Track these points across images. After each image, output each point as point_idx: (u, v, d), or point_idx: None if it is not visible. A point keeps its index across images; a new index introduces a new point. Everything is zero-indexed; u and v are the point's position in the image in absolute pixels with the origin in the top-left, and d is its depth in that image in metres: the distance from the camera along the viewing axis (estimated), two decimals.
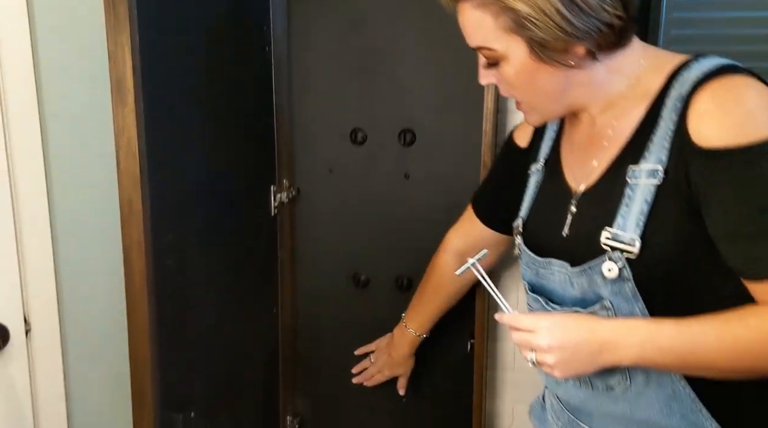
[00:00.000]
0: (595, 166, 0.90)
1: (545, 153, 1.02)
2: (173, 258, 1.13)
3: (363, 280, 1.62)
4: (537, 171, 1.01)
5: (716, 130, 0.76)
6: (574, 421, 0.96)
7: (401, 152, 1.55)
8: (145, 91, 1.00)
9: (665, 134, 0.80)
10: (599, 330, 0.80)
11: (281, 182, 1.55)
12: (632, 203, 0.81)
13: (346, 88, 1.54)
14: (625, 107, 0.87)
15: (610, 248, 0.82)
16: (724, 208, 0.76)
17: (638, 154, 0.83)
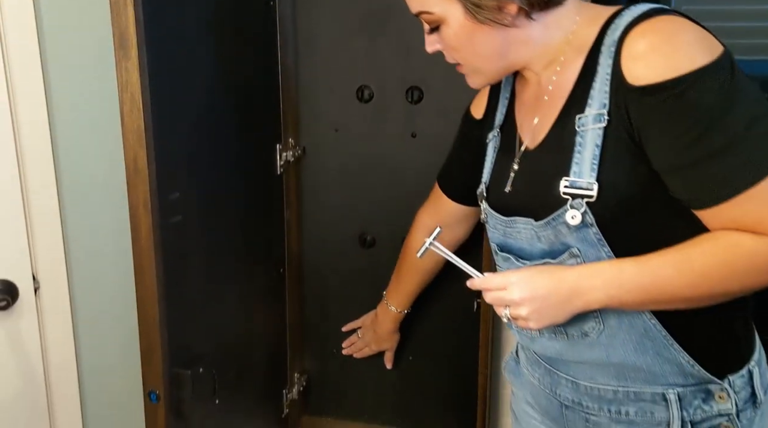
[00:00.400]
0: (542, 122, 0.92)
1: (500, 120, 1.04)
2: (180, 216, 1.13)
3: (369, 240, 1.62)
4: (494, 137, 1.04)
5: (646, 68, 0.78)
6: (551, 370, 0.99)
7: (408, 109, 1.53)
8: (148, 44, 0.98)
9: (604, 79, 0.83)
10: (565, 278, 0.84)
11: (287, 141, 1.54)
12: (584, 150, 0.84)
13: (352, 44, 1.51)
14: (564, 62, 0.89)
15: (570, 196, 0.84)
16: (660, 142, 0.79)
17: (582, 103, 0.85)
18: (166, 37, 1.05)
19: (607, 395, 0.92)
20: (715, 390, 0.87)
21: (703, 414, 0.88)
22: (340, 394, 1.76)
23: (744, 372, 0.89)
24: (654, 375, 0.88)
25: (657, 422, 0.90)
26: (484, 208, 1.02)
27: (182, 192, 1.12)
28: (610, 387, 0.91)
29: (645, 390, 0.89)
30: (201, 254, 1.23)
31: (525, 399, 1.09)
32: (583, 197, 0.83)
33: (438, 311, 1.59)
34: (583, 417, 0.95)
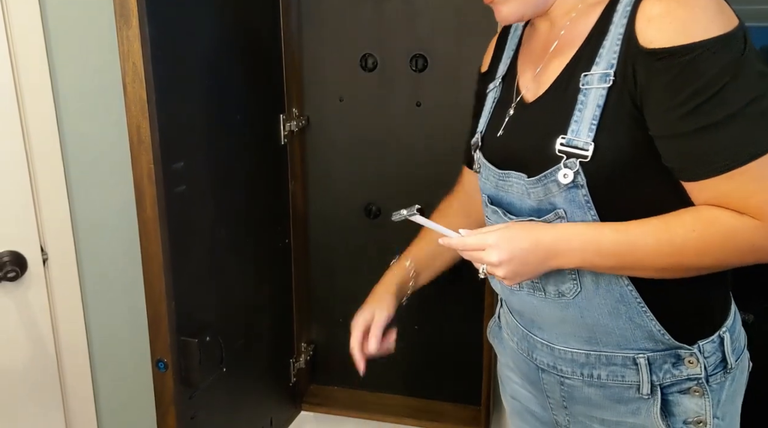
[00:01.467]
0: (545, 73, 0.91)
1: (502, 71, 1.02)
2: (184, 185, 1.13)
3: (374, 210, 1.62)
4: (494, 88, 1.02)
5: (660, 31, 0.77)
6: (527, 334, 1.01)
7: (413, 78, 1.52)
8: (149, 13, 0.97)
9: (615, 39, 0.82)
10: (543, 238, 0.84)
11: (290, 111, 1.53)
12: (585, 109, 0.83)
13: (356, 12, 1.50)
14: (580, 10, 0.89)
15: (565, 154, 0.84)
16: (661, 107, 0.78)
17: (590, 60, 0.84)
18: (167, 5, 1.04)
19: (579, 359, 0.94)
20: (684, 355, 0.88)
21: (673, 378, 0.89)
22: (347, 363, 1.76)
23: (714, 338, 0.89)
24: (625, 339, 0.90)
25: (628, 385, 0.91)
26: (478, 158, 1.01)
27: (186, 162, 1.12)
28: (583, 351, 0.93)
29: (616, 353, 0.91)
30: (206, 224, 1.23)
31: (507, 364, 1.11)
32: (578, 157, 0.83)
33: (442, 279, 1.59)
34: (558, 380, 0.97)
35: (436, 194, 1.45)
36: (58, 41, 1.27)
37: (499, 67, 1.04)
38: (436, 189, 1.50)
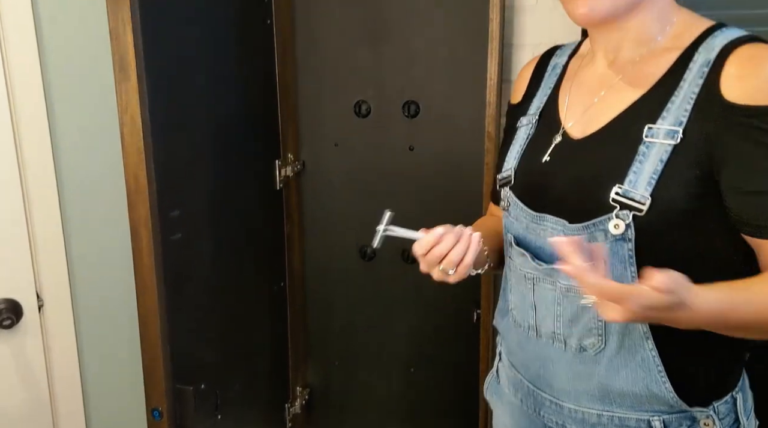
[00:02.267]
0: (599, 110, 0.89)
1: (539, 105, 0.99)
2: (180, 233, 1.14)
3: (369, 252, 1.64)
4: (529, 123, 0.98)
5: (750, 89, 0.77)
6: (534, 391, 0.96)
7: (406, 124, 1.55)
8: (147, 66, 1.00)
9: (687, 96, 0.81)
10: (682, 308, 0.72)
11: (286, 156, 1.55)
12: (646, 161, 0.81)
13: (350, 60, 1.53)
14: (652, 52, 0.87)
15: (619, 204, 0.81)
16: (746, 162, 0.77)
17: (655, 112, 0.83)
18: (165, 58, 1.07)
19: (591, 419, 0.90)
20: (700, 417, 0.86)
21: None
22: (343, 407, 1.76)
23: (728, 398, 0.88)
24: (640, 401, 0.87)
25: None
26: (507, 195, 0.96)
27: (182, 210, 1.14)
28: (595, 410, 0.90)
29: (630, 415, 0.88)
30: (202, 270, 1.24)
31: (504, 422, 1.06)
32: (632, 209, 0.80)
33: (438, 321, 1.60)
34: None
35: None
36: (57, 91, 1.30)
37: (534, 101, 1.01)
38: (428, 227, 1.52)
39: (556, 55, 1.04)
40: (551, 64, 1.03)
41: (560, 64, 1.02)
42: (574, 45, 1.04)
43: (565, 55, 1.03)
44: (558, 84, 0.99)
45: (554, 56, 1.04)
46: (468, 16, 1.43)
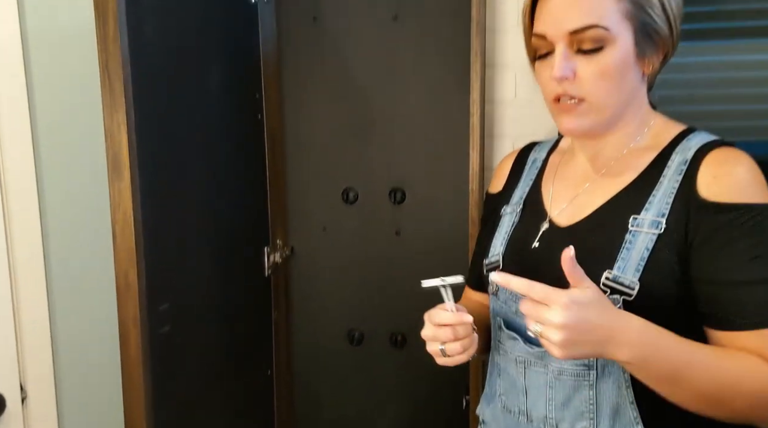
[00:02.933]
0: (585, 200, 0.95)
1: (521, 195, 1.05)
2: (168, 326, 1.15)
3: (357, 337, 1.64)
4: (513, 211, 1.04)
5: (726, 188, 0.85)
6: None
7: (392, 209, 1.59)
8: (141, 166, 1.04)
9: (668, 191, 0.88)
10: (613, 321, 0.79)
11: (275, 242, 1.58)
12: (633, 248, 0.86)
13: (337, 150, 1.58)
14: (632, 152, 0.95)
15: (609, 289, 0.85)
16: (719, 257, 0.83)
17: (639, 203, 0.89)
18: (159, 157, 1.10)
19: None
20: None
21: None
22: None
23: None
24: None
25: None
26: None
27: (171, 303, 1.15)
28: None
29: None
30: (189, 361, 1.24)
31: None
32: (622, 293, 0.85)
33: (428, 407, 1.59)
34: None
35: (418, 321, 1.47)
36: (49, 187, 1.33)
37: (516, 191, 1.07)
38: (416, 315, 1.53)
39: (534, 150, 1.12)
40: (530, 158, 1.10)
41: (540, 158, 1.09)
42: (552, 142, 1.11)
43: (543, 151, 1.10)
44: (539, 176, 1.06)
45: (533, 151, 1.12)
46: (450, 110, 1.49)
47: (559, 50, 0.89)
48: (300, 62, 1.56)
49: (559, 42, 0.89)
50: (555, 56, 0.89)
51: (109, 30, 0.98)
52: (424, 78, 1.51)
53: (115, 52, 0.98)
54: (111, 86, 1.02)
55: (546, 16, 0.90)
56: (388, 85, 1.53)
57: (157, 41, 1.09)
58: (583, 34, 0.87)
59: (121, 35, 0.99)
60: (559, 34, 0.88)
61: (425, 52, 1.50)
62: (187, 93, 1.20)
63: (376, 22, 1.51)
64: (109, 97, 1.02)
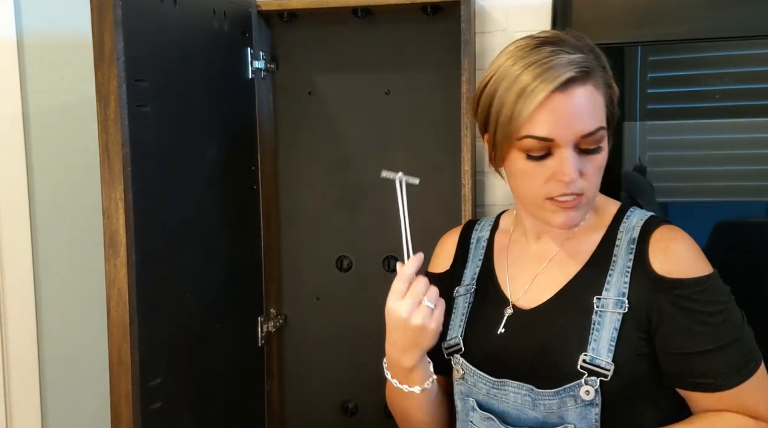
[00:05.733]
0: (544, 282, 0.98)
1: (472, 275, 1.06)
2: (161, 402, 1.14)
3: (351, 408, 1.62)
4: (467, 293, 1.05)
5: (675, 265, 0.91)
6: None
7: (386, 277, 1.60)
8: (137, 244, 1.05)
9: (623, 269, 0.93)
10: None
11: (268, 311, 1.58)
12: (602, 329, 0.89)
13: (332, 218, 1.61)
14: (581, 232, 0.99)
15: (587, 371, 0.88)
16: (679, 329, 0.88)
17: (599, 283, 0.93)
18: (154, 235, 1.12)
19: None
20: None
21: None
22: None
23: None
24: None
25: None
26: (460, 362, 1.00)
27: (163, 378, 1.15)
28: None
29: None
30: None
31: None
32: (598, 375, 0.88)
33: None
34: None
35: None
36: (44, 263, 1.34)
37: (466, 272, 1.08)
38: None
39: (475, 229, 1.14)
40: (473, 237, 1.12)
41: (483, 237, 1.11)
42: (491, 220, 1.14)
43: (485, 229, 1.12)
44: (488, 257, 1.07)
45: (474, 231, 1.13)
46: (442, 181, 1.52)
47: (569, 153, 0.87)
48: (295, 134, 1.60)
49: (568, 144, 0.87)
50: (563, 159, 0.87)
51: (110, 112, 1.02)
52: (416, 150, 1.54)
53: (115, 133, 1.01)
54: (110, 166, 1.05)
55: (552, 121, 0.86)
56: (380, 157, 1.57)
57: (155, 121, 1.13)
58: (593, 137, 0.88)
59: (121, 117, 1.02)
60: (570, 138, 0.87)
61: (417, 124, 1.54)
62: (184, 169, 1.22)
63: (369, 96, 1.56)
64: (108, 175, 1.05)
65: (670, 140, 1.48)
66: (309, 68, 1.58)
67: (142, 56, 1.08)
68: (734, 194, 1.48)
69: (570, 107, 0.86)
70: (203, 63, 1.29)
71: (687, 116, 1.46)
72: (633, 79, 1.42)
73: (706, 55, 1.45)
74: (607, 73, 0.92)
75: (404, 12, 1.50)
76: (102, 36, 1.02)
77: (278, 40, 1.58)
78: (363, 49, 1.55)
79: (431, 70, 1.51)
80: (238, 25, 1.41)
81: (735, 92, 1.45)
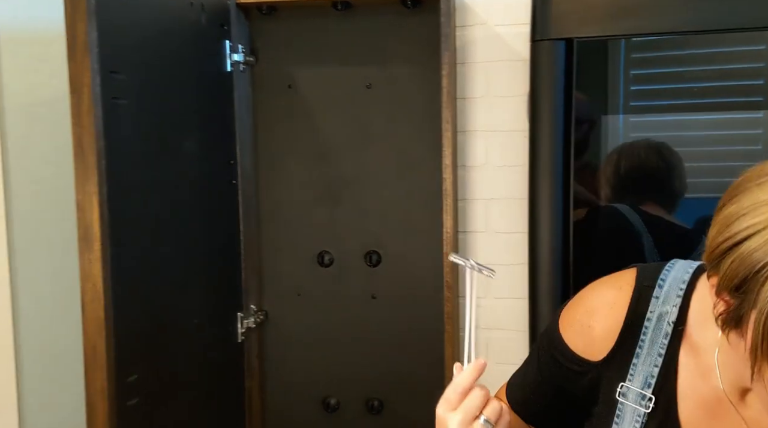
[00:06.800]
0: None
1: (646, 377, 0.73)
2: (137, 398, 1.13)
3: (333, 404, 1.61)
4: (637, 403, 0.73)
5: None
6: None
7: (368, 272, 1.59)
8: (112, 238, 1.04)
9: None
10: None
11: (248, 307, 1.56)
12: None
13: (312, 213, 1.60)
14: None
15: None
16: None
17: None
18: (130, 229, 1.10)
19: None
20: None
21: None
22: None
23: None
24: None
25: None
26: None
27: (140, 374, 1.13)
28: None
29: None
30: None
31: None
32: None
33: None
34: None
35: (394, 386, 1.46)
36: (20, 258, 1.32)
37: (635, 366, 0.73)
38: (394, 381, 1.52)
39: (655, 296, 0.73)
40: (652, 311, 0.73)
41: (667, 314, 0.72)
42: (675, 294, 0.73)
43: (670, 302, 0.73)
44: (672, 359, 0.72)
45: (654, 298, 0.73)
46: (423, 175, 1.52)
47: None
48: (275, 128, 1.59)
49: None
50: None
51: (83, 105, 1.00)
52: (398, 144, 1.54)
53: (89, 126, 1.00)
54: (84, 159, 1.03)
55: None
56: (361, 151, 1.56)
57: (131, 114, 1.11)
58: None
59: (95, 109, 1.00)
60: None
61: (398, 119, 1.53)
62: (160, 162, 1.21)
63: (350, 90, 1.55)
64: (82, 169, 1.03)
65: (652, 136, 1.49)
66: (288, 62, 1.57)
67: (117, 48, 1.06)
68: (716, 189, 1.49)
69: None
70: (181, 56, 1.27)
71: (669, 111, 1.47)
72: (616, 74, 1.43)
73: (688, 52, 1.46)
74: None
75: (384, 5, 1.49)
76: (75, 27, 1.00)
77: (257, 33, 1.57)
78: (343, 42, 1.54)
79: (412, 63, 1.51)
80: (215, 17, 1.40)
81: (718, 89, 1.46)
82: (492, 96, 1.53)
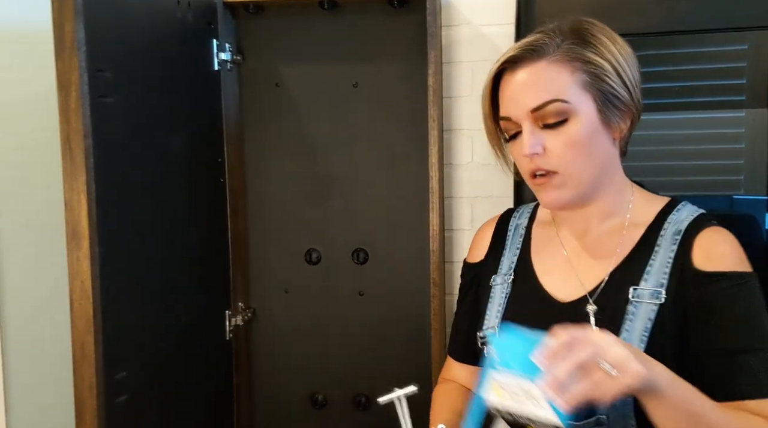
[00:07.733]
0: (584, 276, 0.96)
1: (509, 264, 1.05)
2: (126, 395, 1.13)
3: (320, 400, 1.62)
4: (504, 282, 1.04)
5: (718, 261, 0.90)
6: None
7: (355, 270, 1.60)
8: (100, 236, 1.04)
9: (664, 261, 0.91)
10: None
11: (236, 305, 1.57)
12: (636, 320, 0.89)
13: (300, 211, 1.61)
14: (620, 226, 0.97)
15: None
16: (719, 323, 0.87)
17: (636, 275, 0.92)
18: (118, 227, 1.11)
19: None
20: None
21: None
22: None
23: None
24: None
25: None
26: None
27: (129, 371, 1.14)
28: None
29: None
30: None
31: None
32: None
33: None
34: None
35: (381, 383, 1.46)
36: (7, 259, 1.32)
37: (503, 261, 1.06)
38: (381, 378, 1.53)
39: (514, 217, 1.12)
40: (511, 225, 1.10)
41: (521, 225, 1.09)
42: (530, 208, 1.12)
43: (524, 217, 1.11)
44: (526, 247, 1.06)
45: (513, 218, 1.12)
46: (410, 173, 1.54)
47: (526, 128, 0.92)
48: (262, 126, 1.60)
49: (524, 121, 0.92)
50: (523, 135, 0.92)
51: (71, 103, 1.00)
52: (384, 142, 1.55)
53: (77, 124, 1.00)
54: (72, 157, 1.03)
55: (508, 99, 0.94)
56: (348, 149, 1.57)
57: (119, 112, 1.11)
58: (544, 110, 0.90)
59: (83, 108, 1.01)
60: (523, 114, 0.92)
61: (385, 117, 1.55)
62: (148, 160, 1.21)
63: (337, 88, 1.56)
64: (70, 166, 1.03)
65: (635, 135, 1.51)
66: (276, 60, 1.58)
67: (104, 46, 1.07)
68: (699, 188, 1.51)
69: (514, 85, 0.92)
70: (168, 54, 1.28)
71: (652, 110, 1.50)
72: None
73: (670, 52, 1.49)
74: (582, 50, 0.90)
75: (370, 5, 1.50)
76: (62, 25, 1.01)
77: (244, 31, 1.58)
78: (330, 41, 1.55)
79: (398, 62, 1.52)
80: (202, 15, 1.40)
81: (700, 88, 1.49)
82: (478, 95, 1.51)
